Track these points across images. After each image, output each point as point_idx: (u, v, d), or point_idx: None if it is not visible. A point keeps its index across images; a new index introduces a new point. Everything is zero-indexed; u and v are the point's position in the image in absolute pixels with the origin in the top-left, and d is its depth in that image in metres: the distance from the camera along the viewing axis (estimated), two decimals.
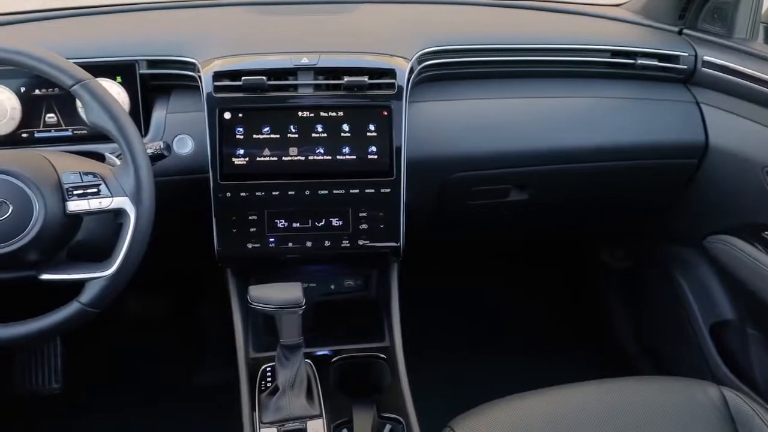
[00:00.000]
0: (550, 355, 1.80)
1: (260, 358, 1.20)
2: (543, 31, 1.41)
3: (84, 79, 0.93)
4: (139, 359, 1.79)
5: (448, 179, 1.29)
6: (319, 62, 1.16)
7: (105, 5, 1.41)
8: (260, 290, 1.04)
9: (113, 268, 0.93)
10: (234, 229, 1.16)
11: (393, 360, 1.21)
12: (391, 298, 1.26)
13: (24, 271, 0.95)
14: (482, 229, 1.58)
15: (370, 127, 1.16)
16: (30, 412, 1.72)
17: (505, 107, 1.30)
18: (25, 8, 1.41)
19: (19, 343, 0.95)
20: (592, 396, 1.07)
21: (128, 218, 0.94)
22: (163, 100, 1.21)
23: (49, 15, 1.37)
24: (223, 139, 1.14)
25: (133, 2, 1.43)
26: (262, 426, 1.06)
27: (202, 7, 1.41)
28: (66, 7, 1.41)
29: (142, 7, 1.41)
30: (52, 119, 1.18)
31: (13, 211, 0.90)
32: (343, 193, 1.17)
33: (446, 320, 1.89)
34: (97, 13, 1.38)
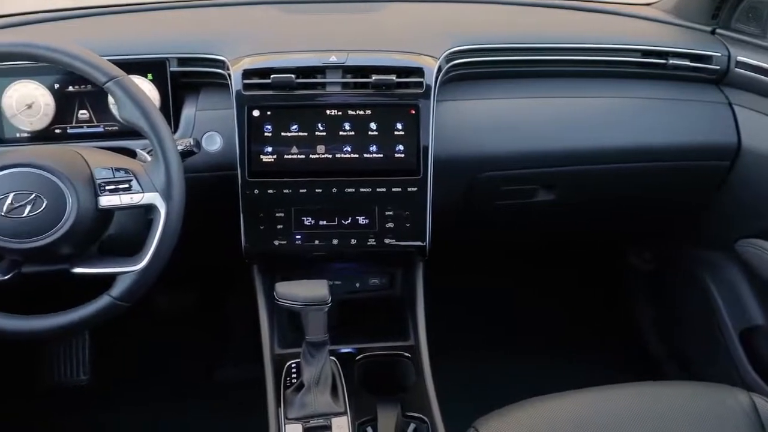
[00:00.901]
0: (574, 357, 1.78)
1: (285, 355, 1.21)
2: (573, 31, 1.39)
3: (117, 76, 0.95)
4: (165, 353, 1.81)
5: (475, 179, 1.29)
6: (347, 60, 1.16)
7: (136, 3, 1.43)
8: (287, 287, 1.05)
9: (143, 263, 0.95)
10: (261, 226, 1.17)
11: (418, 359, 1.21)
12: (416, 296, 1.26)
13: (57, 265, 0.96)
14: (507, 229, 1.57)
15: (397, 126, 1.16)
16: (57, 403, 1.74)
17: (534, 107, 1.29)
18: (58, 6, 1.44)
19: (51, 335, 0.96)
20: (619, 400, 1.06)
21: (158, 214, 0.95)
22: (193, 97, 1.22)
23: (82, 13, 1.39)
24: (252, 136, 1.15)
25: (163, 0, 1.45)
26: (287, 422, 1.07)
27: (231, 5, 1.42)
28: (98, 5, 1.43)
29: (173, 6, 1.42)
30: (84, 115, 1.20)
31: (47, 205, 0.91)
32: (369, 192, 1.17)
33: (470, 320, 1.89)
34: (129, 11, 1.40)
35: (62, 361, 1.77)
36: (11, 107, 1.17)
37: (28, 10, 1.41)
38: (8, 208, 0.90)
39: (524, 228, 1.57)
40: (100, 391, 1.76)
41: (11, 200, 0.90)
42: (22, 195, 0.91)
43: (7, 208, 0.90)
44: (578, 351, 1.83)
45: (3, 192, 0.91)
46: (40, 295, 1.19)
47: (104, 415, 1.71)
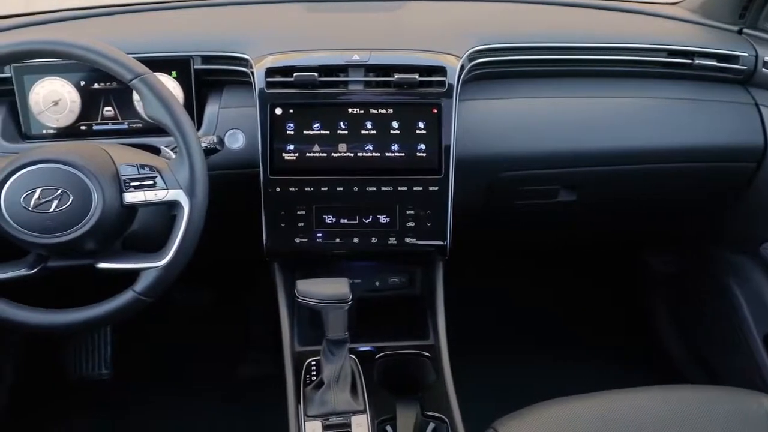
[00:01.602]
0: (593, 359, 1.77)
1: (305, 352, 1.22)
2: (596, 30, 1.38)
3: (143, 73, 0.95)
4: (185, 349, 1.82)
5: (496, 178, 1.28)
6: (369, 59, 1.17)
7: (161, 1, 1.44)
8: (307, 285, 1.05)
9: (167, 259, 0.96)
10: (282, 224, 1.18)
11: (437, 358, 1.21)
12: (436, 296, 1.26)
13: (82, 260, 0.98)
14: (527, 229, 1.57)
15: (419, 125, 1.16)
16: (80, 396, 1.77)
17: (557, 107, 1.29)
18: (84, 5, 1.45)
19: (76, 329, 0.98)
20: (641, 402, 1.05)
21: (182, 210, 0.96)
22: (216, 95, 1.23)
23: (106, 11, 1.40)
24: (274, 134, 1.16)
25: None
26: (306, 419, 1.07)
27: (254, 4, 1.43)
28: (123, 3, 1.44)
29: (196, 4, 1.43)
30: (109, 112, 1.21)
31: (73, 200, 0.92)
32: (391, 191, 1.17)
33: (489, 320, 1.88)
34: (153, 9, 1.41)
35: (85, 356, 1.79)
36: (38, 104, 1.18)
37: (54, 8, 1.43)
38: (35, 203, 0.92)
39: (544, 228, 1.56)
40: (121, 385, 1.78)
41: (38, 195, 0.92)
42: (49, 191, 0.92)
43: (35, 204, 0.92)
44: (597, 353, 1.82)
45: (30, 187, 0.92)
46: (64, 290, 1.21)
47: (125, 409, 1.72)
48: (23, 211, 0.92)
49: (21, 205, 0.92)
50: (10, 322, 0.95)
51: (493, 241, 1.64)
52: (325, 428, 1.05)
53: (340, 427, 1.05)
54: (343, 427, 1.05)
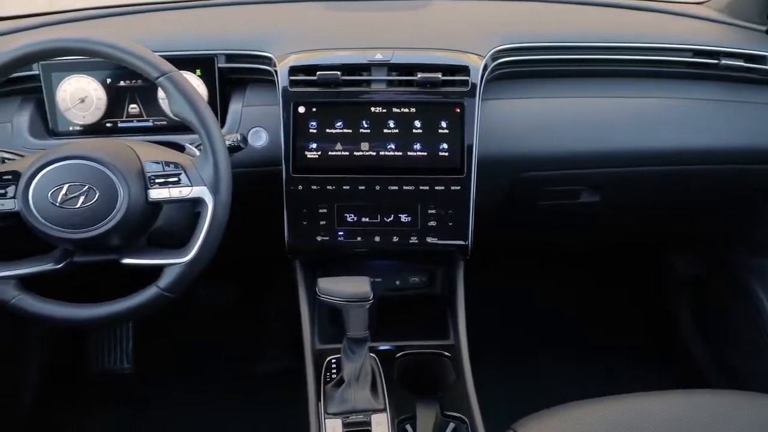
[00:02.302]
0: (614, 362, 1.76)
1: (325, 350, 1.22)
2: (621, 29, 1.36)
3: (169, 71, 0.96)
4: (205, 345, 1.84)
5: (518, 178, 1.27)
6: (392, 58, 1.17)
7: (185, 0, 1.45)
8: (329, 283, 1.05)
9: (190, 255, 0.96)
10: (304, 222, 1.18)
11: (458, 359, 1.21)
12: (457, 296, 1.26)
13: (107, 255, 0.99)
14: (549, 230, 1.56)
15: (442, 124, 1.16)
16: (102, 389, 1.79)
17: (581, 107, 1.27)
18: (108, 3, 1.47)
19: (100, 324, 0.99)
20: (661, 406, 1.04)
21: (206, 207, 0.97)
22: (240, 93, 1.24)
23: (131, 9, 1.42)
24: (297, 132, 1.16)
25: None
26: (327, 417, 1.07)
27: (278, 2, 1.43)
28: (147, 2, 1.46)
29: (220, 3, 1.44)
30: (134, 110, 1.23)
31: (100, 196, 0.94)
32: (412, 190, 1.17)
33: (508, 321, 1.87)
34: (178, 7, 1.43)
35: (107, 350, 1.81)
36: (65, 101, 1.20)
37: (80, 7, 1.45)
38: (62, 198, 0.93)
39: (566, 229, 1.55)
40: (142, 380, 1.80)
41: (65, 191, 0.93)
42: (76, 186, 0.93)
43: (62, 199, 0.93)
44: (618, 355, 1.80)
45: (58, 183, 0.93)
46: (87, 285, 1.23)
47: (145, 404, 1.74)
48: (51, 207, 0.93)
49: (48, 200, 0.93)
50: (36, 316, 0.97)
51: (513, 242, 1.63)
52: (345, 426, 1.05)
53: (360, 426, 1.05)
54: (364, 426, 1.05)
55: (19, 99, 1.23)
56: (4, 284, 0.96)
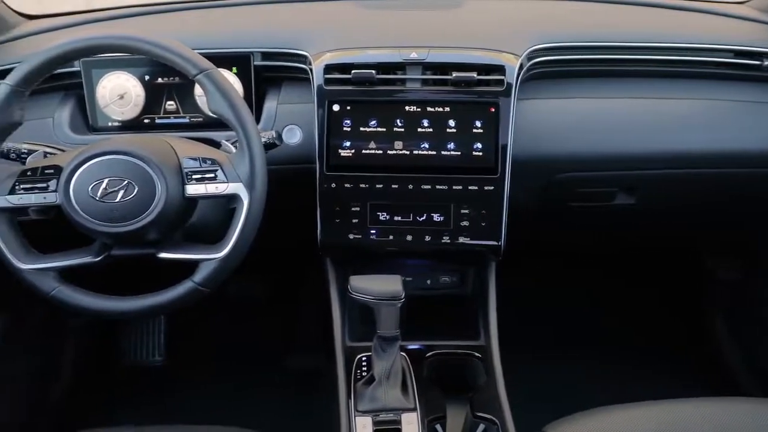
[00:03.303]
0: (647, 366, 1.73)
1: (356, 348, 1.22)
2: (660, 29, 1.34)
3: (207, 68, 0.97)
4: (235, 340, 1.86)
5: (552, 179, 1.26)
6: (428, 57, 1.16)
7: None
8: (361, 281, 1.05)
9: (226, 251, 0.97)
10: (337, 219, 1.19)
11: (489, 360, 1.20)
12: (488, 297, 1.25)
13: (144, 249, 1.00)
14: (581, 232, 1.54)
15: (476, 124, 1.16)
16: (135, 381, 1.82)
17: (617, 107, 1.26)
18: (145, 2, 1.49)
19: (138, 316, 1.01)
20: (694, 413, 1.02)
21: (242, 203, 0.98)
22: (275, 91, 1.25)
23: (169, 8, 1.44)
24: (331, 130, 1.16)
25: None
26: (357, 414, 1.07)
27: (313, 1, 1.44)
28: (183, 0, 1.48)
29: (256, 1, 1.45)
30: (171, 106, 1.24)
31: (138, 191, 0.95)
32: (445, 189, 1.17)
33: (537, 321, 1.85)
34: (214, 6, 1.44)
35: (140, 342, 1.84)
36: (104, 97, 1.22)
37: (118, 5, 1.48)
38: (102, 193, 0.95)
39: (600, 231, 1.53)
40: (173, 372, 1.83)
41: (105, 185, 0.95)
42: (116, 181, 0.95)
43: (102, 193, 0.95)
44: (651, 360, 1.78)
45: (98, 178, 0.95)
46: (120, 278, 1.25)
47: (176, 396, 1.77)
48: (91, 201, 0.95)
49: (89, 194, 0.95)
50: (75, 307, 0.99)
51: (545, 242, 1.62)
52: (375, 424, 1.05)
53: (390, 424, 1.05)
54: (393, 424, 1.05)
55: (61, 95, 1.25)
56: (45, 276, 0.98)
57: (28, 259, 0.98)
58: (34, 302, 1.57)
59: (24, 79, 0.97)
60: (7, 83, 0.97)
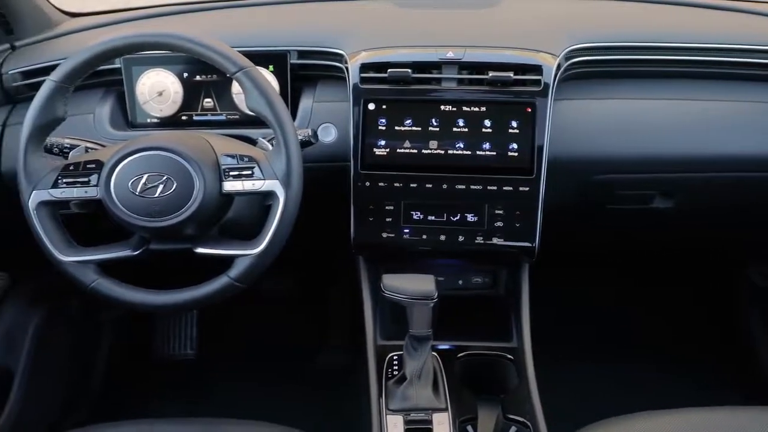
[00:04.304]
0: (681, 370, 1.70)
1: (387, 346, 1.22)
2: (701, 29, 1.31)
3: (246, 66, 0.98)
4: (266, 336, 1.87)
5: (588, 181, 1.24)
6: (464, 56, 1.16)
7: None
8: (394, 279, 1.05)
9: (261, 247, 0.98)
10: (370, 218, 1.19)
11: (521, 362, 1.19)
12: (522, 298, 1.24)
13: (181, 244, 1.02)
14: (617, 235, 1.52)
15: (512, 124, 1.15)
16: (167, 374, 1.85)
17: (657, 109, 1.23)
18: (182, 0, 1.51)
19: (174, 310, 1.03)
20: (730, 422, 1.00)
21: (278, 200, 0.98)
22: (310, 89, 1.26)
23: (206, 6, 1.46)
24: (366, 129, 1.17)
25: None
26: (388, 413, 1.07)
27: (349, 0, 1.45)
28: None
29: (293, 0, 1.46)
30: (209, 104, 1.26)
31: (177, 187, 0.96)
32: (480, 189, 1.16)
33: (571, 325, 1.83)
34: (251, 4, 1.46)
35: (172, 336, 1.87)
36: (144, 94, 1.24)
37: (158, 3, 1.50)
38: (142, 188, 0.96)
39: (635, 235, 1.51)
40: (204, 366, 1.85)
41: (145, 180, 0.96)
42: (155, 176, 0.97)
43: (141, 188, 0.96)
44: (685, 364, 1.75)
45: (138, 173, 0.97)
46: (153, 272, 1.27)
47: (206, 390, 1.79)
48: (131, 196, 0.97)
49: (129, 189, 0.97)
50: (114, 300, 1.01)
51: (579, 244, 1.59)
52: (406, 423, 1.05)
53: (421, 423, 1.05)
54: (424, 424, 1.05)
55: (101, 91, 1.28)
56: (85, 268, 1.01)
57: (69, 251, 1.00)
58: (70, 295, 1.62)
59: (68, 75, 0.99)
60: (52, 79, 0.99)
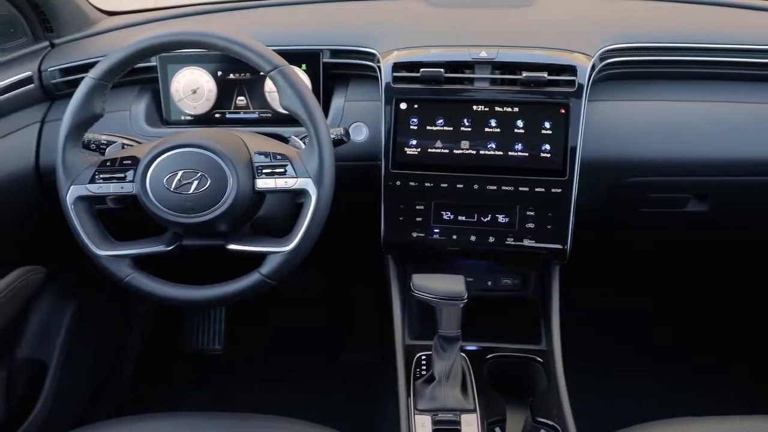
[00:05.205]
0: (714, 379, 1.67)
1: (415, 346, 1.22)
2: (737, 30, 1.29)
3: (281, 65, 0.99)
4: (292, 332, 1.89)
5: (621, 183, 1.23)
6: (497, 56, 1.15)
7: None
8: (424, 279, 1.05)
9: (293, 244, 0.99)
10: (400, 218, 1.19)
11: (551, 365, 1.18)
12: (552, 301, 1.23)
13: (214, 240, 1.03)
14: (649, 238, 1.49)
15: (545, 125, 1.14)
16: (194, 368, 1.87)
17: (691, 111, 1.22)
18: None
19: (207, 305, 1.03)
20: None
21: (310, 199, 0.99)
22: (342, 88, 1.26)
23: (237, 6, 1.47)
24: (398, 128, 1.17)
25: None
26: (416, 413, 1.07)
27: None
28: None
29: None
30: (241, 102, 1.27)
31: (211, 184, 0.97)
32: (511, 190, 1.16)
33: (601, 327, 1.81)
34: (284, 4, 1.46)
35: (201, 331, 1.89)
36: (178, 92, 1.26)
37: (192, 2, 1.52)
38: (177, 184, 0.98)
39: (668, 239, 1.49)
40: (231, 361, 1.87)
41: (180, 177, 0.97)
42: (190, 173, 0.98)
43: (176, 185, 0.98)
44: (717, 372, 1.71)
45: (173, 169, 0.98)
46: (183, 268, 1.28)
47: (232, 385, 1.81)
48: (165, 192, 0.98)
49: (164, 185, 0.98)
50: (148, 294, 1.02)
51: (610, 247, 1.57)
52: (435, 423, 1.05)
53: (449, 424, 1.05)
54: (453, 425, 1.05)
55: (137, 89, 1.30)
56: (120, 262, 1.02)
57: (105, 245, 1.02)
58: (101, 289, 1.64)
59: (107, 72, 1.00)
60: (91, 77, 1.01)
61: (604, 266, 1.77)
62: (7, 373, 1.40)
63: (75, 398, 1.58)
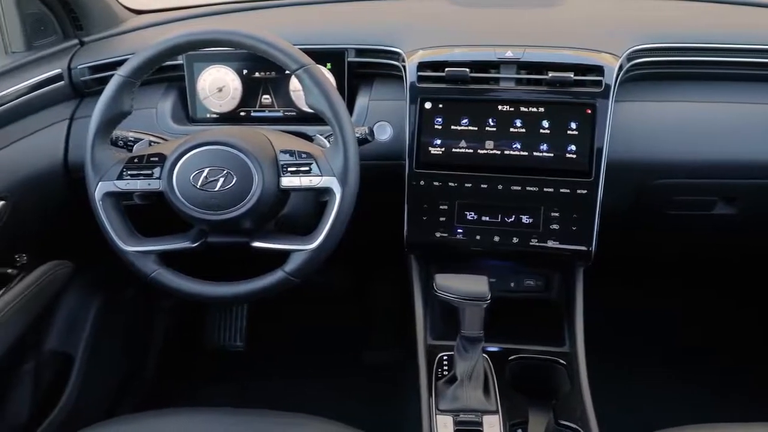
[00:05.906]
0: (742, 383, 1.64)
1: (437, 346, 1.22)
2: (765, 30, 1.27)
3: (307, 64, 0.99)
4: (314, 331, 1.89)
5: (647, 185, 1.22)
6: (523, 56, 1.15)
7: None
8: (447, 279, 1.05)
9: (317, 243, 0.99)
10: (424, 217, 1.19)
11: (574, 368, 1.17)
12: (575, 303, 1.22)
13: (239, 237, 1.04)
14: (675, 240, 1.47)
15: (571, 125, 1.13)
16: (216, 364, 1.89)
17: (719, 112, 1.20)
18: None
19: (231, 302, 1.05)
20: None
21: (334, 197, 0.99)
22: (367, 87, 1.26)
23: (264, 5, 1.48)
24: (422, 128, 1.17)
25: None
26: (438, 413, 1.07)
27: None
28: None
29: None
30: (266, 100, 1.28)
31: (237, 181, 0.98)
32: (536, 191, 1.15)
33: (624, 330, 1.79)
34: (309, 3, 1.47)
35: (223, 327, 1.91)
36: (204, 90, 1.27)
37: (218, 2, 1.53)
38: (203, 181, 0.98)
39: (695, 242, 1.47)
40: (253, 358, 1.88)
41: (206, 174, 0.98)
42: (216, 170, 0.98)
43: (202, 182, 0.98)
44: (741, 377, 1.68)
45: (200, 167, 0.99)
46: (207, 265, 1.29)
47: (254, 382, 1.82)
48: (192, 189, 0.99)
49: (190, 182, 0.99)
50: (174, 290, 1.03)
51: (636, 249, 1.56)
52: (456, 424, 1.05)
53: (471, 425, 1.04)
54: (475, 425, 1.04)
55: (164, 87, 1.31)
56: (146, 258, 1.03)
57: (132, 241, 1.03)
58: (126, 284, 1.66)
59: (136, 70, 1.01)
60: (120, 74, 1.02)
61: (627, 268, 1.75)
62: (35, 364, 1.42)
63: (100, 391, 1.60)
